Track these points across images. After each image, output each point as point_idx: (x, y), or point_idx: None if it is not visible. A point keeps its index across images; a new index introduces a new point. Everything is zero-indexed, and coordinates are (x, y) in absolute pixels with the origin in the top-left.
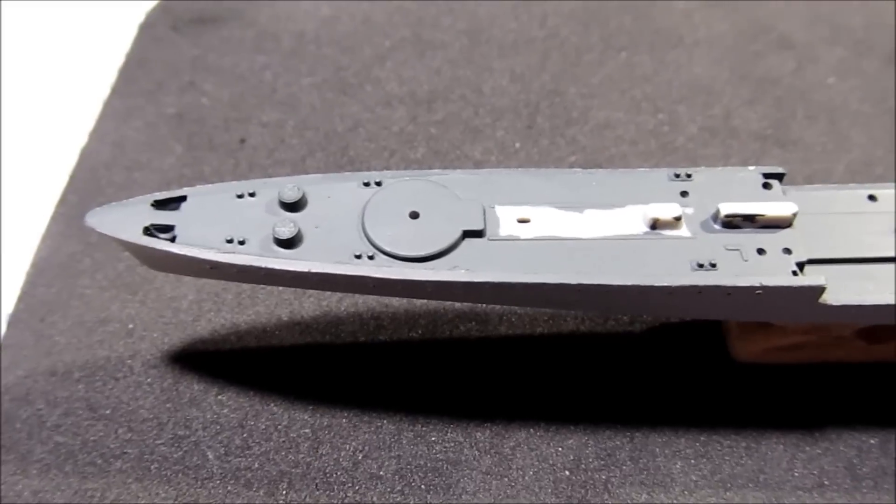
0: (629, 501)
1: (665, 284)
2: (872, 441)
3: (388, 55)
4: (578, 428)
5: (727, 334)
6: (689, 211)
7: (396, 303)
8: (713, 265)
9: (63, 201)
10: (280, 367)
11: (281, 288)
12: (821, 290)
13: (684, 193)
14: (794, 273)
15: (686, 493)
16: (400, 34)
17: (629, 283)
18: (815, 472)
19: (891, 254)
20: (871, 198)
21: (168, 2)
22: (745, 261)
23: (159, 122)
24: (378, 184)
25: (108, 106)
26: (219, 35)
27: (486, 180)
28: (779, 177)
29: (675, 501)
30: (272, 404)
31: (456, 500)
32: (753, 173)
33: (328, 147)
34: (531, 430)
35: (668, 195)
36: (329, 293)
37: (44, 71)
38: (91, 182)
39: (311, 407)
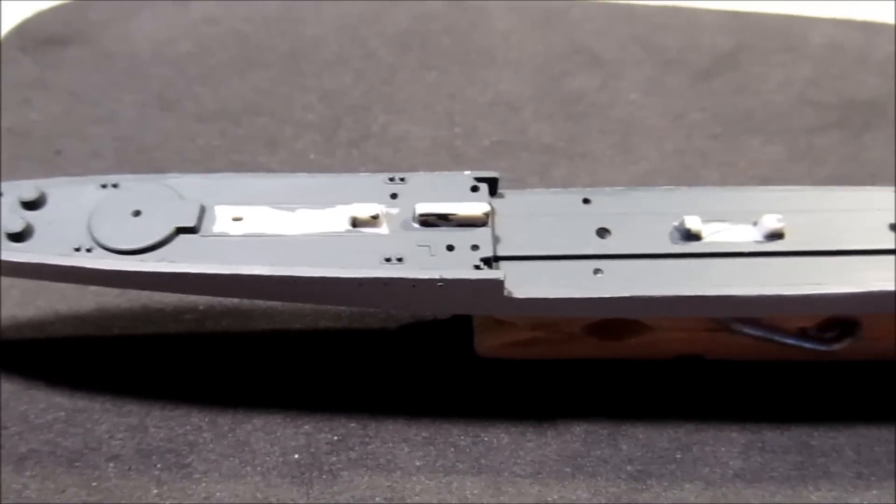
0: (351, 483)
1: (351, 276)
2: (601, 433)
3: (212, 74)
4: (316, 416)
5: (474, 331)
6: (395, 211)
7: (167, 299)
8: (400, 259)
9: None
10: (49, 356)
11: (63, 284)
12: (498, 282)
13: (394, 195)
14: (477, 267)
15: (406, 476)
16: (228, 55)
17: (317, 275)
18: (536, 460)
19: (588, 252)
20: (586, 201)
21: (24, 24)
22: (433, 256)
23: None
24: (115, 186)
25: None
26: (62, 55)
27: (217, 183)
28: (492, 181)
29: (394, 484)
30: (33, 389)
31: (186, 478)
32: (467, 177)
33: (137, 159)
34: (271, 416)
35: (378, 196)
36: (109, 290)
37: None
38: None
39: (69, 392)
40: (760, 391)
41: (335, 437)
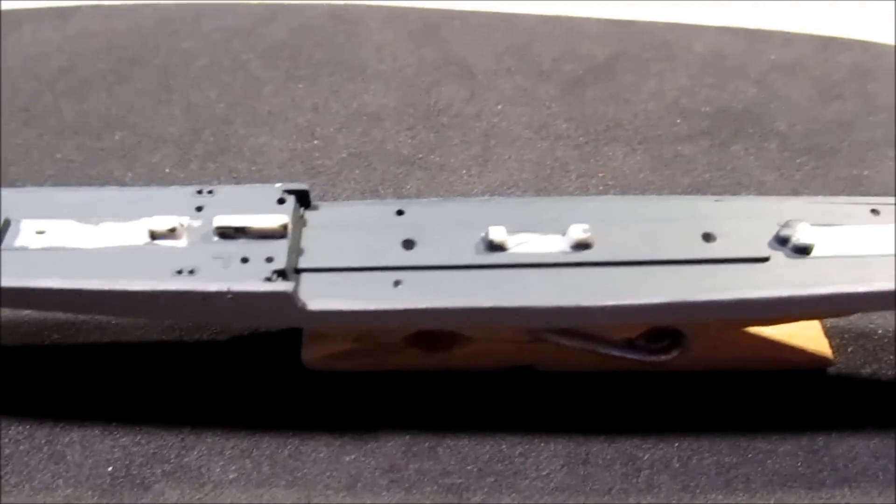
0: (161, 496)
1: (139, 289)
2: (422, 445)
3: (80, 88)
4: (136, 428)
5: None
6: (197, 224)
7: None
8: (192, 272)
9: None
10: None
11: None
12: (286, 295)
13: (199, 208)
14: (269, 279)
15: (217, 489)
16: (100, 69)
17: (105, 288)
18: (353, 473)
19: (390, 263)
20: (400, 212)
21: None
22: (226, 268)
23: None
24: None
25: None
26: None
27: (28, 197)
28: (302, 193)
29: (204, 497)
30: None
31: None
32: (276, 190)
33: None
34: (90, 429)
35: (183, 209)
36: None
37: None
38: None
39: None
40: (590, 403)
41: (151, 450)
